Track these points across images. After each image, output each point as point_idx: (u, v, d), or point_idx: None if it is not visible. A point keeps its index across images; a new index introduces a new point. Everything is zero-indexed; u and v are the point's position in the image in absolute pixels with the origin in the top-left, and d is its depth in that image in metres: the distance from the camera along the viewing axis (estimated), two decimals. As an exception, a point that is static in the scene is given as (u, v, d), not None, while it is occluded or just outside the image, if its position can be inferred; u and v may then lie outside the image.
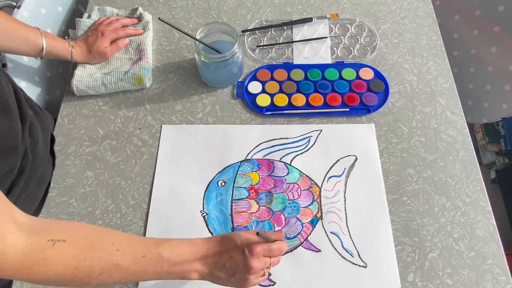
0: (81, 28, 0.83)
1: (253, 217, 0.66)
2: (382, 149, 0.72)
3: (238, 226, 0.65)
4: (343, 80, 0.79)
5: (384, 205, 0.66)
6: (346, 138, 0.73)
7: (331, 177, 0.69)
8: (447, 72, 0.80)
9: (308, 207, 0.66)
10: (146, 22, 0.85)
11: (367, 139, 0.72)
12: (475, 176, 0.69)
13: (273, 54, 0.84)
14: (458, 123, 0.74)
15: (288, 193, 0.68)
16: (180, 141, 0.73)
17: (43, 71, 0.85)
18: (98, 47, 0.77)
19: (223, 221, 0.65)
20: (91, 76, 0.78)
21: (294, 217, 0.66)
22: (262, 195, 0.67)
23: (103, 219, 0.66)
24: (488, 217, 0.65)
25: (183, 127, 0.75)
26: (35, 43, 0.70)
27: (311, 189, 0.68)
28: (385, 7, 0.90)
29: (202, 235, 0.64)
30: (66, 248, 0.42)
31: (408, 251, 0.63)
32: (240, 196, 0.67)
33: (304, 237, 0.64)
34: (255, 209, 0.66)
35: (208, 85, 0.80)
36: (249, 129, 0.74)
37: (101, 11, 0.87)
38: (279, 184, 0.68)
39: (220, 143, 0.73)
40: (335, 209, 0.66)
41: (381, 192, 0.67)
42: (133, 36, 0.83)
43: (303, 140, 0.73)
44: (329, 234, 0.64)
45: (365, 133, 0.73)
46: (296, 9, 0.90)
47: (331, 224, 0.65)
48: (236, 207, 0.67)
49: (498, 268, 0.61)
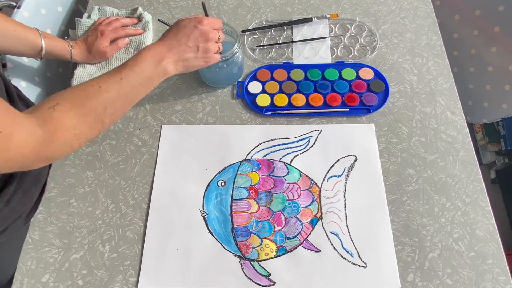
0: (81, 28, 0.83)
1: (253, 217, 0.66)
2: (382, 149, 0.72)
3: (238, 226, 0.65)
4: (343, 80, 0.79)
5: (384, 205, 0.66)
6: (346, 138, 0.73)
7: (331, 177, 0.69)
8: (447, 72, 0.80)
9: (308, 207, 0.66)
10: (146, 22, 0.85)
11: (367, 139, 0.72)
12: (475, 176, 0.69)
13: (273, 54, 0.84)
14: (458, 123, 0.74)
15: (288, 193, 0.68)
16: (180, 141, 0.73)
17: (43, 71, 0.85)
18: (98, 47, 0.77)
19: (223, 221, 0.65)
20: (91, 76, 0.78)
21: (294, 217, 0.66)
22: (262, 195, 0.67)
23: (103, 219, 0.66)
24: (488, 217, 0.65)
25: (183, 127, 0.75)
26: (34, 43, 0.70)
27: (311, 189, 0.68)
28: (385, 7, 0.90)
29: (202, 235, 0.64)
30: (64, 107, 0.47)
31: (408, 251, 0.63)
32: (240, 196, 0.67)
33: (304, 237, 0.64)
34: (255, 209, 0.66)
35: (208, 85, 0.80)
36: (249, 129, 0.74)
37: (101, 11, 0.87)
38: (279, 184, 0.68)
39: (220, 143, 0.73)
40: (335, 209, 0.66)
41: (381, 192, 0.67)
42: (133, 36, 0.83)
43: (303, 140, 0.73)
44: (329, 234, 0.64)
45: (365, 133, 0.73)
46: (296, 9, 0.90)
47: (331, 224, 0.65)
48: (236, 207, 0.67)
49: (498, 268, 0.61)
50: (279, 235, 0.64)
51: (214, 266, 0.62)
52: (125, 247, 0.64)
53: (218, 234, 0.64)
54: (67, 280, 0.61)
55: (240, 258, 0.62)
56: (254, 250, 0.63)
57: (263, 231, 0.64)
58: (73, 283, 0.61)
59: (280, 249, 0.63)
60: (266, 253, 0.63)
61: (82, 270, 0.62)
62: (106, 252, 0.63)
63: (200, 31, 0.58)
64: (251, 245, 0.63)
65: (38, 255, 0.63)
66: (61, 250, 0.63)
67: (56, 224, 0.66)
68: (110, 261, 0.63)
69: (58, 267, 0.62)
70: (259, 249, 0.63)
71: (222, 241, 0.64)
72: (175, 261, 0.62)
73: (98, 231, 0.65)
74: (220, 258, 0.62)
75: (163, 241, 0.64)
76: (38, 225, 0.65)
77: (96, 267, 0.62)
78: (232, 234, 0.64)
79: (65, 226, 0.65)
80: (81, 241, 0.64)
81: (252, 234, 0.64)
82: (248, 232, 0.64)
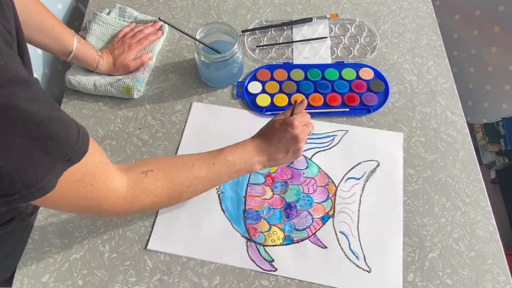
0: (96, 22, 0.83)
1: (265, 203, 0.67)
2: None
3: (250, 209, 0.66)
4: (343, 80, 0.79)
5: (399, 215, 0.65)
6: (371, 142, 0.72)
7: (350, 178, 0.69)
8: (447, 72, 0.80)
9: (322, 204, 0.67)
10: (160, 30, 0.85)
11: (393, 147, 0.72)
12: (475, 176, 0.69)
13: (273, 54, 0.84)
14: (458, 123, 0.74)
15: (303, 186, 0.68)
16: (208, 120, 0.75)
17: (41, 68, 0.85)
18: (123, 60, 0.77)
19: (237, 201, 0.67)
20: (86, 74, 0.78)
21: (306, 210, 0.66)
22: (278, 184, 0.68)
23: (103, 219, 0.66)
24: (488, 217, 0.65)
25: (213, 106, 0.77)
26: (67, 45, 0.70)
27: (327, 187, 0.68)
28: (385, 7, 0.90)
29: (214, 211, 0.66)
30: (156, 174, 0.50)
31: (408, 251, 0.63)
32: (257, 181, 0.69)
33: (313, 232, 0.64)
34: (268, 196, 0.67)
35: (208, 85, 0.80)
36: None
37: (122, 11, 0.87)
38: (296, 176, 0.69)
39: (246, 128, 0.71)
40: (348, 210, 0.66)
41: (398, 201, 0.66)
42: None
43: (327, 138, 0.73)
44: (338, 233, 0.64)
45: (392, 141, 0.72)
46: (296, 9, 0.90)
47: (341, 224, 0.65)
48: (250, 191, 0.68)
49: (498, 268, 0.61)
50: (288, 225, 0.65)
51: (221, 243, 0.63)
52: (125, 247, 0.64)
53: (230, 213, 0.66)
54: (67, 280, 0.61)
55: (247, 240, 0.64)
56: (262, 234, 0.64)
57: (273, 218, 0.65)
58: (73, 283, 0.61)
59: (287, 238, 0.64)
60: (272, 240, 0.64)
61: (82, 270, 0.62)
62: (106, 252, 0.63)
63: (291, 135, 0.57)
64: (260, 229, 0.64)
65: (38, 255, 0.63)
66: (61, 250, 0.63)
67: (56, 224, 0.65)
68: (110, 261, 0.63)
69: (58, 267, 0.62)
70: (267, 234, 0.64)
71: (233, 220, 0.65)
72: (185, 230, 0.64)
73: (98, 231, 0.65)
74: (228, 236, 0.64)
75: (177, 211, 0.66)
76: (38, 225, 0.65)
77: (96, 267, 0.62)
78: (243, 215, 0.66)
79: (65, 226, 0.65)
80: (81, 241, 0.64)
81: (262, 219, 0.65)
82: (259, 217, 0.65)
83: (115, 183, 0.45)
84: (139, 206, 0.49)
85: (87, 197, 0.42)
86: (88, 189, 0.42)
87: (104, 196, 0.44)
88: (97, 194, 0.43)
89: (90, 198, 0.43)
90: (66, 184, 0.38)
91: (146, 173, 0.49)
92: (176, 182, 0.52)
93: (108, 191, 0.44)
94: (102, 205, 0.45)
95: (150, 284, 0.61)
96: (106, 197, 0.44)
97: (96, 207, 0.44)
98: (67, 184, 0.39)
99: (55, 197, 0.38)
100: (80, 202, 0.42)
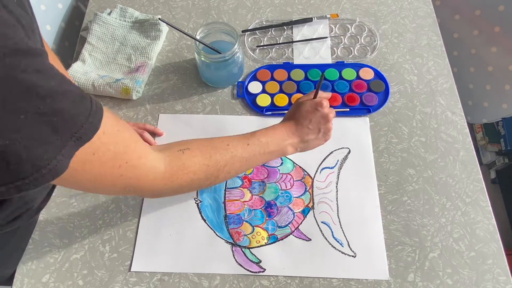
0: (97, 23, 0.83)
1: (245, 205, 0.67)
2: (382, 149, 0.72)
3: (231, 213, 0.66)
4: (343, 80, 0.79)
5: (375, 197, 0.67)
6: (340, 131, 0.73)
7: (324, 168, 0.70)
8: (447, 72, 0.80)
9: (300, 197, 0.67)
10: (158, 31, 0.84)
11: (361, 133, 0.73)
12: (475, 176, 0.69)
13: (273, 54, 0.84)
14: (458, 123, 0.74)
15: (281, 183, 0.69)
16: (176, 130, 0.74)
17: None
18: None
19: (216, 208, 0.66)
20: (85, 74, 0.78)
21: (286, 206, 0.67)
22: (255, 185, 0.69)
23: (103, 219, 0.66)
24: (488, 217, 0.65)
25: (180, 116, 0.76)
26: None
27: (303, 180, 0.69)
28: (385, 7, 0.90)
29: (195, 222, 0.65)
30: (193, 152, 0.50)
31: (408, 251, 0.63)
32: (234, 185, 0.69)
33: (295, 226, 0.65)
34: (248, 198, 0.67)
35: (208, 85, 0.80)
36: (245, 120, 0.75)
37: (123, 11, 0.87)
38: (272, 174, 0.69)
39: (216, 133, 0.73)
40: (326, 200, 0.67)
41: (372, 184, 0.68)
42: (140, 43, 0.82)
43: None
44: (320, 224, 0.65)
45: (360, 126, 0.74)
46: (296, 9, 0.90)
47: (322, 214, 0.66)
48: (229, 195, 0.68)
49: (498, 268, 0.61)
50: (270, 224, 0.65)
51: (205, 252, 0.63)
52: (125, 247, 0.63)
53: (211, 221, 0.65)
54: (67, 280, 0.61)
55: (231, 245, 0.63)
56: (246, 237, 0.64)
57: (255, 219, 0.65)
58: (73, 283, 0.61)
59: (272, 237, 0.64)
60: (257, 241, 0.64)
61: (83, 270, 0.62)
62: (106, 252, 0.63)
63: (321, 114, 0.59)
64: (243, 232, 0.64)
65: (38, 255, 0.63)
66: (61, 250, 0.63)
67: (57, 224, 0.65)
68: (110, 261, 0.63)
69: (58, 267, 0.62)
70: (251, 236, 0.64)
71: (215, 228, 0.65)
72: (167, 246, 0.63)
73: (98, 231, 0.65)
74: (212, 245, 0.63)
75: (157, 227, 0.65)
76: (39, 225, 0.65)
77: (96, 267, 0.62)
78: (225, 221, 0.65)
79: (65, 226, 0.65)
80: (82, 241, 0.64)
81: (244, 222, 0.65)
82: (241, 220, 0.65)
83: (151, 161, 0.44)
84: (178, 183, 0.48)
85: (124, 176, 0.41)
86: (124, 167, 0.40)
87: (142, 174, 0.43)
88: (134, 172, 0.42)
89: (128, 177, 0.41)
90: (100, 164, 0.37)
91: (183, 151, 0.49)
92: (213, 160, 0.51)
93: (144, 168, 0.43)
94: (141, 184, 0.44)
95: (150, 284, 0.61)
96: (144, 175, 0.43)
97: (134, 186, 0.44)
98: (101, 164, 0.37)
99: (87, 177, 0.37)
100: (116, 182, 0.41)
